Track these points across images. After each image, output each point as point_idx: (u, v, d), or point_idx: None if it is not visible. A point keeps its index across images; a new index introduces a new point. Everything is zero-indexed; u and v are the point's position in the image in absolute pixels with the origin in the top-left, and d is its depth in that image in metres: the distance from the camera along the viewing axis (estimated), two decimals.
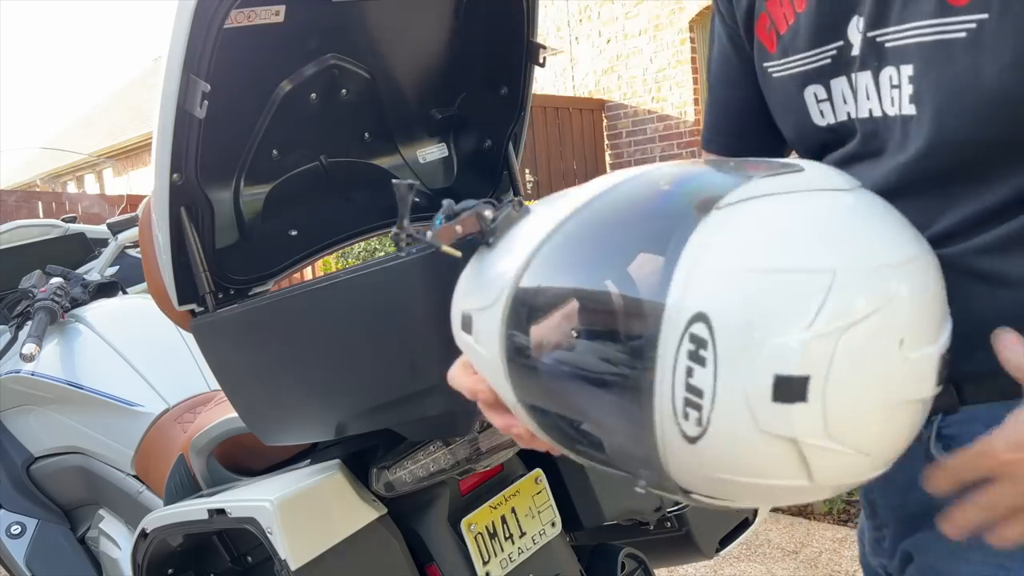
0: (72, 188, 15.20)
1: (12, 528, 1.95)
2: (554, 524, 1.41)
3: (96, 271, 2.45)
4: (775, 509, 2.96)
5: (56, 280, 2.13)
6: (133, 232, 2.50)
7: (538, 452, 0.69)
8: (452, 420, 1.10)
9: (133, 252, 2.59)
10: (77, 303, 2.12)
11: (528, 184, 7.04)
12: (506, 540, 1.34)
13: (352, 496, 1.21)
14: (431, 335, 0.99)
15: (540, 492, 1.41)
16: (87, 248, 2.59)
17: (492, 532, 1.33)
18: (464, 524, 1.29)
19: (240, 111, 1.27)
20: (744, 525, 1.60)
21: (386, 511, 1.23)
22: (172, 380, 1.88)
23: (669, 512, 1.51)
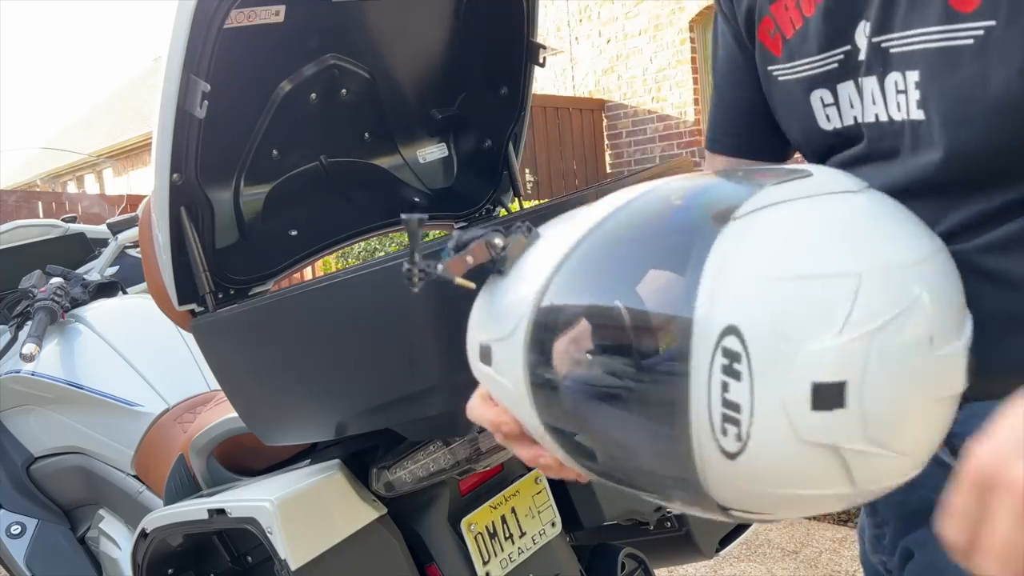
0: (72, 188, 15.20)
1: (12, 528, 1.95)
2: (554, 524, 1.41)
3: (96, 271, 2.45)
4: None
5: (56, 280, 2.13)
6: (133, 232, 2.50)
7: None
8: (452, 420, 1.10)
9: (133, 252, 2.59)
10: (77, 303, 2.12)
11: (528, 184, 7.04)
12: (506, 540, 1.34)
13: (352, 496, 1.21)
14: (431, 335, 0.98)
15: (540, 492, 1.41)
16: (87, 248, 2.59)
17: (492, 532, 1.33)
18: (464, 524, 1.29)
19: (240, 111, 1.27)
20: (744, 525, 1.60)
21: (386, 511, 1.23)
22: (172, 380, 1.88)
23: (669, 512, 1.51)
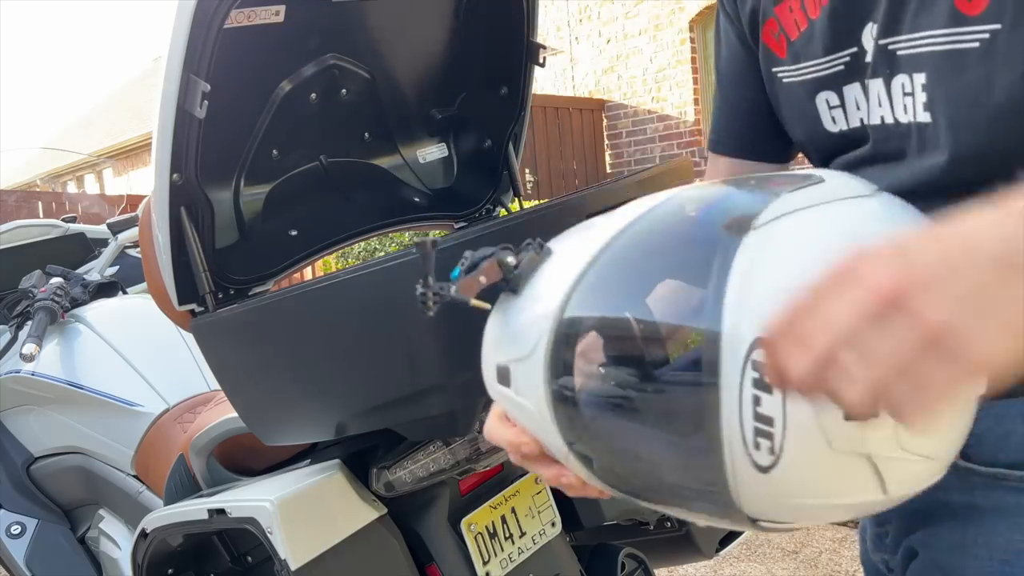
0: (72, 188, 15.20)
1: (12, 528, 1.95)
2: (554, 524, 1.41)
3: (96, 271, 2.45)
4: None
5: (56, 280, 2.13)
6: (133, 232, 2.50)
7: None
8: (452, 420, 1.10)
9: (133, 252, 2.59)
10: (77, 303, 2.12)
11: (528, 184, 7.05)
12: (506, 540, 1.34)
13: (352, 496, 1.21)
14: (431, 335, 0.98)
15: (540, 492, 1.41)
16: (87, 248, 2.59)
17: (492, 532, 1.33)
18: (464, 524, 1.29)
19: (240, 111, 1.27)
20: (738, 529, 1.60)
21: (386, 511, 1.23)
22: (172, 380, 1.88)
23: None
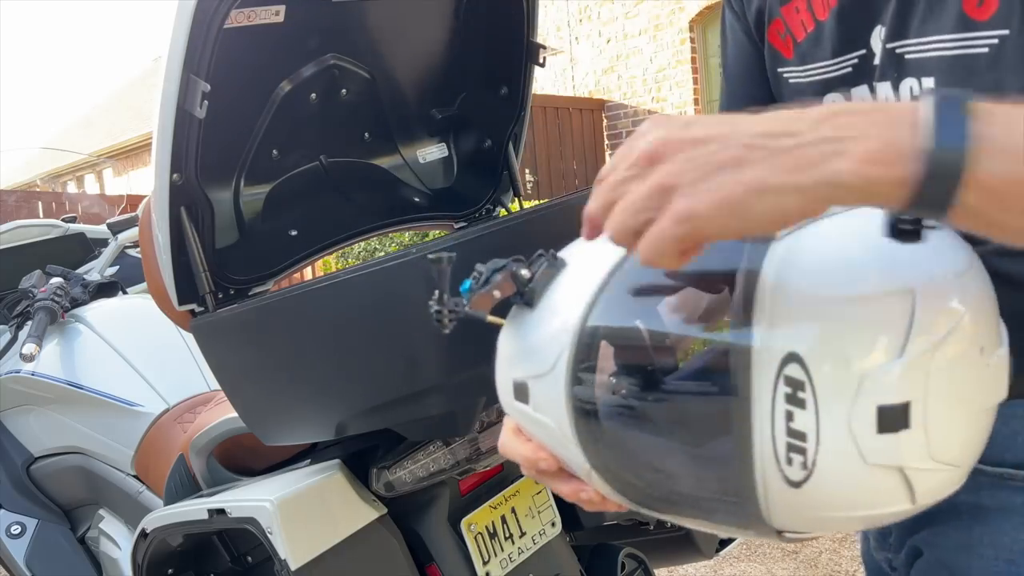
0: (72, 188, 15.20)
1: (12, 528, 1.95)
2: (554, 524, 1.41)
3: (96, 271, 2.45)
4: None
5: (56, 280, 2.13)
6: (133, 232, 2.50)
7: None
8: (452, 420, 1.10)
9: (133, 252, 2.59)
10: (77, 303, 2.12)
11: (528, 184, 7.05)
12: (506, 540, 1.34)
13: (352, 496, 1.21)
14: (431, 335, 0.98)
15: (540, 492, 1.41)
16: (87, 248, 2.60)
17: (492, 532, 1.33)
18: (464, 524, 1.29)
19: (240, 111, 1.27)
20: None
21: (386, 511, 1.23)
22: (172, 380, 1.89)
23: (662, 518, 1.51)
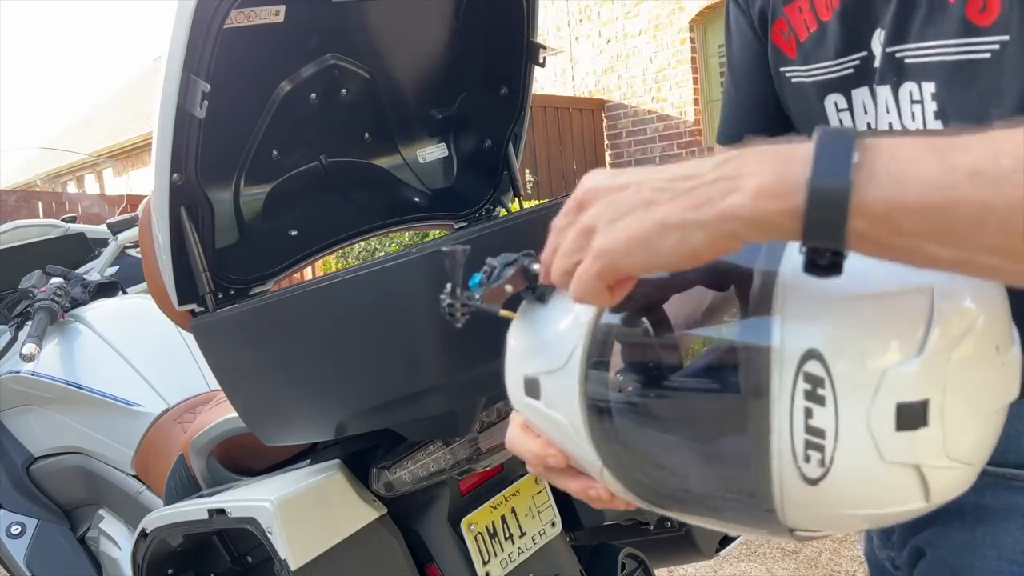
0: (72, 188, 15.20)
1: (12, 528, 1.95)
2: (554, 524, 1.41)
3: (96, 271, 2.45)
4: None
5: (56, 280, 2.13)
6: (133, 232, 2.50)
7: None
8: (452, 420, 1.10)
9: (133, 252, 2.59)
10: (77, 303, 2.12)
11: (528, 184, 7.04)
12: (506, 540, 1.34)
13: (352, 496, 1.21)
14: (431, 335, 0.98)
15: (540, 492, 1.41)
16: (87, 248, 2.60)
17: (492, 532, 1.33)
18: (464, 524, 1.29)
19: (240, 111, 1.27)
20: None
21: (386, 511, 1.23)
22: (172, 380, 1.88)
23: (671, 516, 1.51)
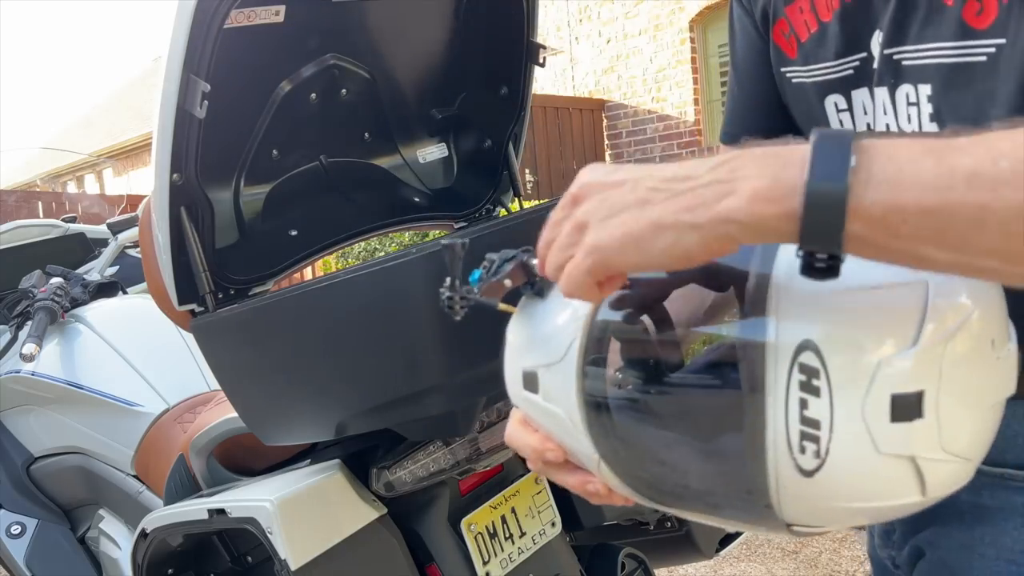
0: (72, 188, 15.20)
1: (12, 528, 1.95)
2: (554, 524, 1.41)
3: (96, 271, 2.45)
4: None
5: (56, 280, 2.13)
6: (133, 232, 2.50)
7: None
8: (452, 420, 1.10)
9: (133, 252, 2.59)
10: (77, 303, 2.12)
11: (528, 184, 7.04)
12: (506, 540, 1.34)
13: (352, 496, 1.21)
14: (431, 335, 0.98)
15: (540, 492, 1.41)
16: (87, 248, 2.60)
17: (492, 532, 1.33)
18: (464, 524, 1.29)
19: (240, 111, 1.27)
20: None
21: (386, 511, 1.23)
22: (172, 380, 1.89)
23: (669, 512, 1.51)
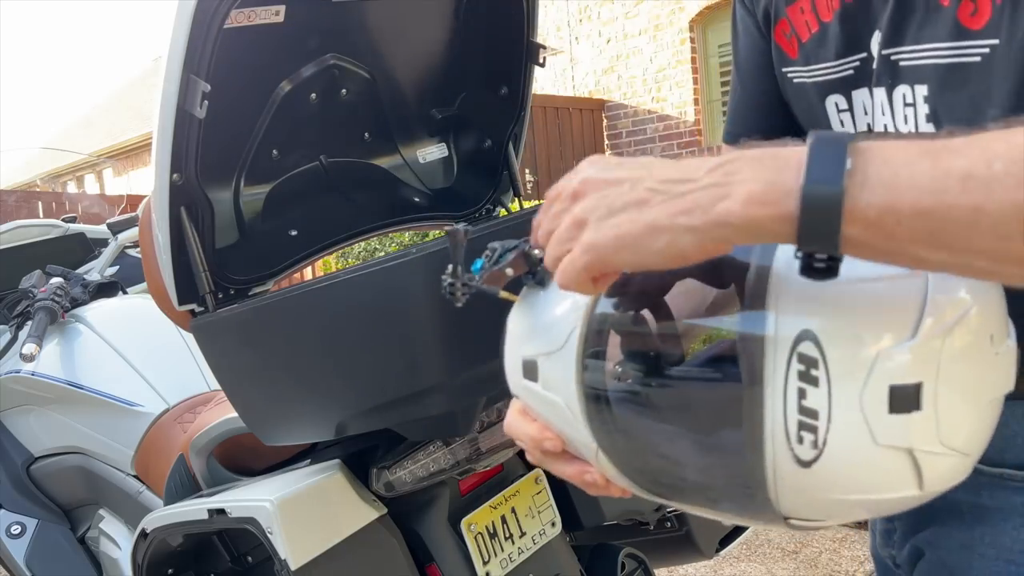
0: (72, 188, 15.21)
1: (12, 528, 1.95)
2: (554, 524, 1.41)
3: (96, 271, 2.45)
4: None
5: (56, 280, 2.13)
6: (133, 232, 2.50)
7: None
8: (452, 420, 1.10)
9: (133, 252, 2.59)
10: (77, 303, 2.12)
11: (528, 184, 7.04)
12: (506, 540, 1.34)
13: (352, 496, 1.21)
14: (431, 335, 0.98)
15: (540, 492, 1.41)
16: (87, 248, 2.60)
17: (492, 532, 1.33)
18: (464, 524, 1.29)
19: (240, 111, 1.27)
20: (744, 525, 1.60)
21: (386, 511, 1.23)
22: (172, 380, 1.89)
23: (669, 512, 1.51)
